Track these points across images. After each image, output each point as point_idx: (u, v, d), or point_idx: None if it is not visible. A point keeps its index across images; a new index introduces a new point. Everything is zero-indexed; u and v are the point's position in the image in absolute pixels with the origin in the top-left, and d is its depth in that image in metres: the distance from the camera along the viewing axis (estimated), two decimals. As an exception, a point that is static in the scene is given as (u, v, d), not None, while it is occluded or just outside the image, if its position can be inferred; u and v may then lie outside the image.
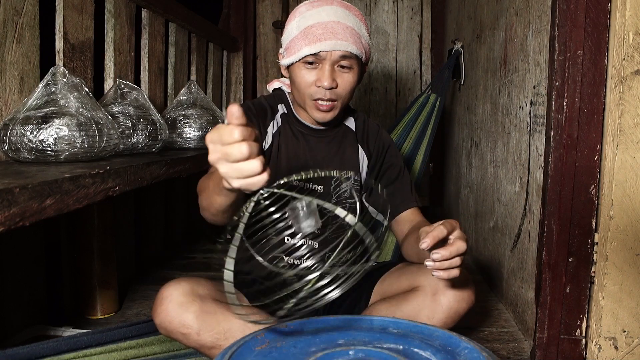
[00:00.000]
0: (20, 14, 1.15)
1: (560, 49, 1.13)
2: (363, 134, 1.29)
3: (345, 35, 1.07)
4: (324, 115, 1.13)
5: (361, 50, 1.11)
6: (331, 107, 1.12)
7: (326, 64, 1.08)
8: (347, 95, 1.13)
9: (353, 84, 1.12)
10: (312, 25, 1.08)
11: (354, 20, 1.11)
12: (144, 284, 1.83)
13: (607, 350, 1.16)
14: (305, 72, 1.10)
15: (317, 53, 1.07)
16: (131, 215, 1.93)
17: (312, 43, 1.07)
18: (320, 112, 1.12)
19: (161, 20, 1.89)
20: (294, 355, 0.76)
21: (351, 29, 1.09)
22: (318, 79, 1.08)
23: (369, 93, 3.24)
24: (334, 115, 1.14)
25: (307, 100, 1.12)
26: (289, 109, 1.24)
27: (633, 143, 1.09)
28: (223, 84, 2.73)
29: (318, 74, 1.09)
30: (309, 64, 1.09)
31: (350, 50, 1.07)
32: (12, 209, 0.68)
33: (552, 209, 1.17)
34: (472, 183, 2.21)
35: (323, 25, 1.07)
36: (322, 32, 1.07)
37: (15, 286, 1.31)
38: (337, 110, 1.14)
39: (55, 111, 1.03)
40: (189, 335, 0.99)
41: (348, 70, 1.10)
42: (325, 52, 1.07)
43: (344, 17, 1.09)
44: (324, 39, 1.06)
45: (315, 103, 1.11)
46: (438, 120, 2.29)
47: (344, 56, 1.08)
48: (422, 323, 0.87)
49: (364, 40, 1.13)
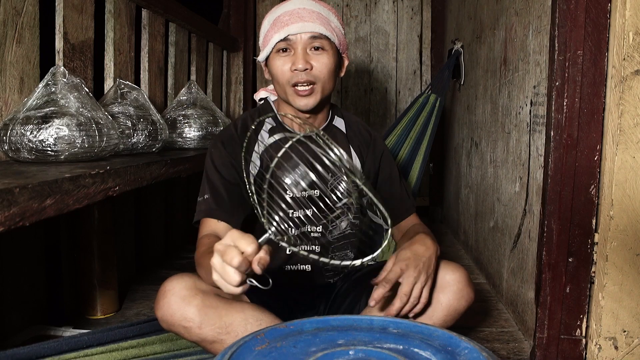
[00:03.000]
0: (20, 14, 1.15)
1: (560, 49, 1.13)
2: (354, 136, 1.29)
3: (312, 17, 1.10)
4: (305, 101, 1.13)
5: (331, 32, 1.12)
6: (311, 90, 1.12)
7: (298, 47, 1.10)
8: (326, 77, 1.13)
9: (329, 66, 1.12)
10: (280, 15, 1.12)
11: (320, 7, 1.14)
12: (144, 284, 1.83)
13: (607, 350, 1.16)
14: (280, 61, 1.12)
15: (287, 38, 1.09)
16: (131, 215, 1.93)
17: (280, 29, 1.10)
18: (301, 97, 1.13)
19: (161, 20, 1.89)
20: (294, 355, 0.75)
21: (318, 13, 1.12)
22: (292, 63, 1.10)
23: (369, 93, 3.24)
24: (316, 100, 1.14)
25: (287, 88, 1.13)
26: (276, 120, 1.23)
27: (633, 143, 1.09)
28: (223, 84, 2.73)
29: (292, 59, 1.11)
30: (283, 51, 1.11)
31: (318, 31, 1.09)
32: (12, 209, 0.68)
33: (552, 209, 1.17)
34: (472, 183, 2.21)
35: (289, 12, 1.11)
36: (288, 18, 1.10)
37: (16, 286, 1.31)
38: (319, 95, 1.14)
39: (55, 111, 1.03)
40: (191, 328, 0.99)
41: (321, 52, 1.11)
42: (294, 36, 1.09)
43: (311, 4, 1.13)
44: (291, 23, 1.09)
45: (295, 89, 1.12)
46: (438, 120, 2.29)
47: (314, 37, 1.10)
48: (422, 323, 0.87)
49: (334, 25, 1.14)
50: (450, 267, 1.13)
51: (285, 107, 1.21)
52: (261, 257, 0.76)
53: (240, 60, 2.86)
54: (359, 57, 3.23)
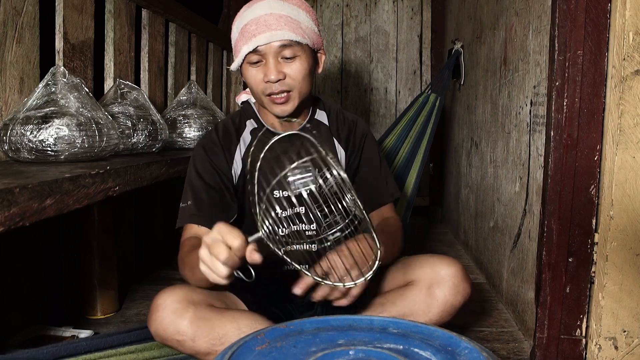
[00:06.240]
0: (20, 14, 1.15)
1: (560, 49, 1.13)
2: (337, 127, 1.26)
3: (280, 24, 1.05)
4: (282, 108, 1.11)
5: (302, 35, 1.07)
6: (287, 98, 1.10)
7: (269, 58, 1.06)
8: (301, 83, 1.10)
9: (303, 71, 1.09)
10: (247, 23, 1.07)
11: (289, 8, 1.08)
12: (144, 284, 1.83)
13: (607, 350, 1.16)
14: (252, 72, 1.09)
15: (256, 49, 1.05)
16: (131, 215, 1.93)
17: (248, 41, 1.06)
18: (278, 105, 1.10)
19: (161, 20, 1.89)
20: (294, 355, 0.75)
21: (286, 17, 1.07)
22: (265, 74, 1.07)
23: (369, 93, 3.24)
24: (293, 106, 1.11)
25: (263, 98, 1.11)
26: (258, 122, 1.22)
27: (633, 143, 1.09)
28: (223, 84, 2.73)
29: (264, 70, 1.07)
30: (254, 63, 1.08)
31: (287, 38, 1.05)
32: (12, 209, 0.68)
33: (552, 209, 1.17)
34: (472, 183, 2.21)
35: (256, 20, 1.06)
36: (255, 27, 1.06)
37: (16, 286, 1.31)
38: (296, 100, 1.11)
39: (55, 111, 1.03)
40: (184, 342, 0.99)
41: (293, 59, 1.08)
42: (263, 47, 1.05)
43: (278, 8, 1.07)
44: (259, 33, 1.05)
45: (270, 98, 1.10)
46: (438, 120, 2.29)
47: (284, 45, 1.06)
48: (422, 323, 0.87)
49: (305, 26, 1.09)
50: (445, 262, 1.13)
51: (266, 116, 1.20)
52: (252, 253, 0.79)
53: (240, 60, 2.85)
54: (359, 57, 3.23)
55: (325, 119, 1.26)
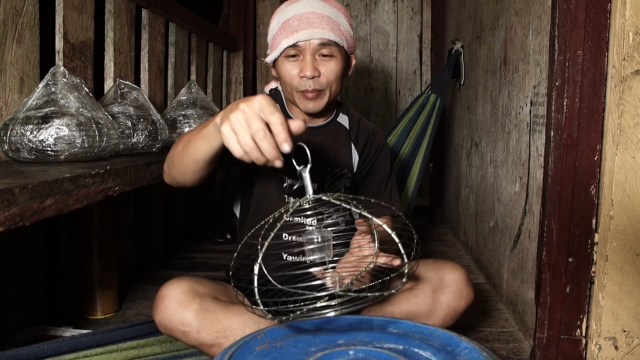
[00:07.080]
0: (20, 14, 1.15)
1: (560, 49, 1.13)
2: (357, 133, 1.29)
3: (322, 23, 1.08)
4: (313, 105, 1.13)
5: (340, 37, 1.10)
6: (318, 94, 1.12)
7: (307, 54, 1.08)
8: (334, 83, 1.12)
9: (337, 72, 1.12)
10: (289, 19, 1.10)
11: (330, 10, 1.12)
12: (144, 284, 1.83)
13: (607, 350, 1.16)
14: (288, 66, 1.11)
15: (296, 44, 1.08)
16: (131, 215, 1.93)
17: (289, 35, 1.08)
18: (309, 100, 1.12)
19: (161, 20, 1.89)
20: (294, 355, 0.76)
21: (327, 17, 1.10)
22: (301, 69, 1.09)
23: (369, 93, 3.24)
24: (323, 104, 1.14)
25: (295, 93, 1.13)
26: (283, 110, 1.24)
27: (633, 143, 1.09)
28: (223, 84, 2.73)
29: (300, 65, 1.09)
30: (291, 56, 1.10)
31: (327, 37, 1.07)
32: (12, 209, 0.67)
33: (552, 209, 1.17)
34: (472, 183, 2.21)
35: (299, 16, 1.09)
36: (298, 23, 1.08)
37: (16, 286, 1.31)
38: (326, 99, 1.13)
39: (55, 111, 1.03)
40: (189, 333, 0.99)
41: (330, 59, 1.10)
42: (303, 42, 1.07)
43: (320, 8, 1.10)
44: (300, 29, 1.07)
45: (302, 94, 1.12)
46: (438, 120, 2.29)
47: (323, 44, 1.08)
48: (422, 323, 0.87)
49: (343, 29, 1.13)
50: (449, 267, 1.13)
51: (292, 108, 1.22)
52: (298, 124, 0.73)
53: (240, 60, 2.85)
54: (359, 57, 3.23)
55: (347, 122, 1.28)
